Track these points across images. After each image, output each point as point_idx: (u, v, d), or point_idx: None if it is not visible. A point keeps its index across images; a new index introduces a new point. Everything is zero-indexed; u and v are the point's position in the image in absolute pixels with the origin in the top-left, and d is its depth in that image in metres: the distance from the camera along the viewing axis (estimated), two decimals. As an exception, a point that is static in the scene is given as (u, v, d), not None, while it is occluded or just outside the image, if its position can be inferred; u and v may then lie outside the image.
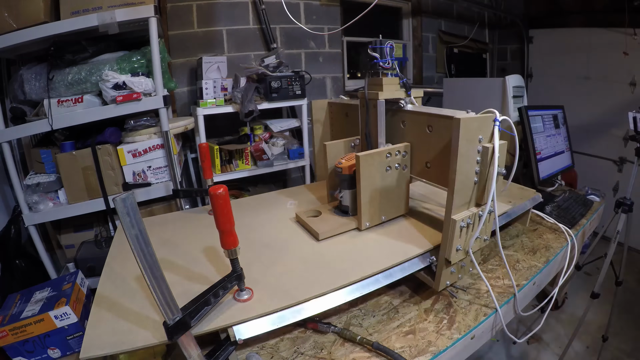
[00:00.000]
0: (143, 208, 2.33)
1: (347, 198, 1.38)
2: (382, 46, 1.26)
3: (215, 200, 0.86)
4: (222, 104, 2.76)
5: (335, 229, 1.33)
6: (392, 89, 1.32)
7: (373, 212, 1.34)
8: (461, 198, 1.08)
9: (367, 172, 1.25)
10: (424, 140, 1.26)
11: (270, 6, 3.25)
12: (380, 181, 1.29)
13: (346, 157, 1.37)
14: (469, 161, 1.04)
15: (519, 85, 2.99)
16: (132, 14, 2.01)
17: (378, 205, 1.34)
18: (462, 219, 1.07)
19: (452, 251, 1.11)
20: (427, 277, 1.25)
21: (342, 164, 1.34)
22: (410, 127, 1.31)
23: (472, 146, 1.04)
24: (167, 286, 0.77)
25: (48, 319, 1.62)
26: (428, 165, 1.27)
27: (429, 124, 1.22)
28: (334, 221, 1.38)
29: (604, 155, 4.04)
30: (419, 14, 4.39)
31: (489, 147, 1.05)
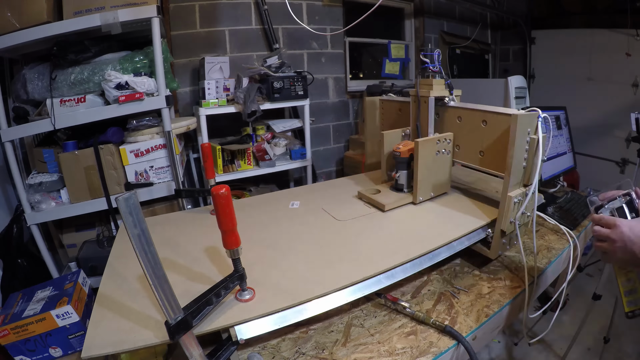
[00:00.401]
0: (145, 208, 2.33)
1: (403, 177, 1.61)
2: (432, 53, 1.52)
3: (217, 200, 0.86)
4: (225, 104, 2.76)
5: (396, 201, 1.55)
6: (439, 88, 1.55)
7: (425, 189, 1.57)
8: (515, 179, 1.31)
9: (423, 155, 1.47)
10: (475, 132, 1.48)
11: (273, 6, 3.25)
12: (431, 163, 1.53)
13: (403, 143, 1.60)
14: (521, 149, 1.28)
15: (521, 86, 2.99)
16: (134, 14, 2.01)
17: (429, 183, 1.57)
18: (515, 195, 1.30)
19: (507, 223, 1.33)
20: (483, 248, 1.47)
21: (401, 149, 1.57)
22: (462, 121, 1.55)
23: (523, 137, 1.27)
24: (169, 286, 0.77)
25: (50, 318, 1.63)
26: (482, 154, 1.48)
27: (484, 119, 1.43)
28: (394, 196, 1.60)
29: (606, 156, 4.04)
30: (421, 14, 4.38)
31: (535, 138, 1.28)
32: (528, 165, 1.33)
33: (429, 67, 1.53)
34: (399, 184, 1.64)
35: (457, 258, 1.56)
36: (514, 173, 1.29)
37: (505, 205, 1.31)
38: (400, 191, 1.64)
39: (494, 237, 1.41)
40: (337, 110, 3.92)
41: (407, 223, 1.44)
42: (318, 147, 3.82)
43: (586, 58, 4.18)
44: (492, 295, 1.32)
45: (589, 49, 4.14)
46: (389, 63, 4.20)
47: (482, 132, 1.45)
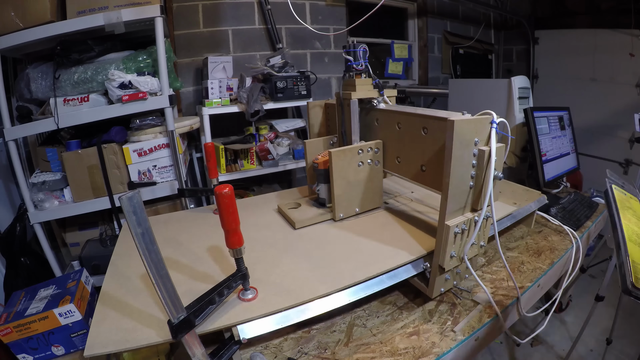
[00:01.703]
0: (148, 207, 2.34)
1: (323, 191, 1.49)
2: (355, 50, 1.37)
3: (220, 200, 0.86)
4: (228, 104, 2.76)
5: (311, 218, 1.44)
6: (365, 89, 1.41)
7: (347, 204, 1.43)
8: (456, 203, 1.05)
9: (339, 167, 1.34)
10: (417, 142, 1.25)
11: (276, 6, 3.25)
12: (352, 175, 1.39)
13: (322, 154, 1.46)
14: (463, 165, 1.01)
15: (524, 86, 2.97)
16: (138, 13, 2.01)
17: (351, 198, 1.43)
18: (456, 224, 1.04)
19: (445, 258, 1.09)
20: (420, 284, 1.25)
21: (318, 160, 1.44)
22: (384, 125, 1.41)
23: (467, 149, 1.00)
24: (171, 285, 0.77)
25: (52, 316, 1.63)
26: (423, 169, 1.25)
27: (424, 126, 1.20)
28: (311, 212, 1.49)
29: (610, 157, 4.02)
30: (424, 14, 4.38)
31: (486, 150, 1.01)
32: (476, 185, 1.07)
33: (352, 66, 1.38)
34: (320, 199, 1.53)
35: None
36: (454, 195, 1.03)
37: (443, 236, 1.06)
38: (323, 206, 1.52)
39: (431, 274, 1.19)
40: (340, 110, 3.91)
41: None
42: (321, 147, 3.82)
43: (590, 58, 4.16)
44: (495, 296, 1.31)
45: (592, 49, 4.13)
46: (392, 63, 4.20)
47: (423, 142, 1.22)
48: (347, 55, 1.39)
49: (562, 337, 2.62)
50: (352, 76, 1.42)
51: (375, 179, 1.46)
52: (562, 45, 4.47)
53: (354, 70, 1.39)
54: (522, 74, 3.26)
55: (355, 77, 1.42)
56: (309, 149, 1.61)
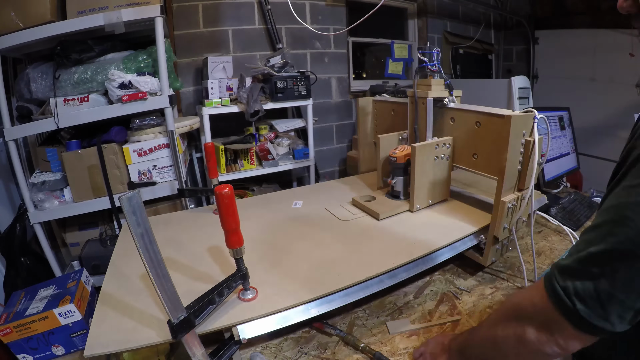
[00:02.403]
0: (148, 207, 2.34)
1: (400, 184, 1.55)
2: (431, 52, 1.44)
3: (220, 200, 0.86)
4: (228, 104, 2.76)
5: (391, 209, 1.49)
6: (438, 89, 1.49)
7: (422, 196, 1.51)
8: (509, 183, 1.25)
9: (421, 161, 1.42)
10: (469, 134, 1.43)
11: (276, 6, 3.25)
12: (429, 169, 1.47)
13: (399, 148, 1.54)
14: (515, 152, 1.22)
15: (524, 86, 2.98)
16: (138, 13, 2.01)
17: (427, 190, 1.51)
18: (509, 200, 1.24)
19: (500, 229, 1.28)
20: (475, 254, 1.42)
21: (397, 154, 1.50)
22: (455, 122, 1.50)
23: (518, 139, 1.21)
24: (171, 285, 0.77)
25: (52, 316, 1.63)
26: (475, 157, 1.43)
27: (477, 120, 1.37)
28: (389, 204, 1.55)
29: (610, 157, 4.02)
30: (424, 14, 4.37)
31: (531, 140, 1.21)
32: (523, 169, 1.27)
33: (427, 66, 1.46)
34: (395, 191, 1.58)
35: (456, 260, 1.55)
36: (508, 177, 1.23)
37: (499, 211, 1.26)
38: (397, 198, 1.58)
39: (486, 244, 1.36)
40: (340, 110, 3.91)
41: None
42: (321, 147, 3.82)
43: (590, 58, 4.16)
44: (495, 296, 1.32)
45: (592, 49, 4.12)
46: (392, 63, 4.20)
47: (476, 134, 1.40)
48: (422, 57, 1.45)
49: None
50: (427, 76, 1.49)
51: (446, 172, 1.54)
52: (562, 45, 4.47)
53: (428, 70, 1.47)
54: (522, 74, 3.27)
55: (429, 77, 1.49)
56: (383, 143, 1.67)
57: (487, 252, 1.37)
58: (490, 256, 1.38)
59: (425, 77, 1.50)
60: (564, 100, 2.83)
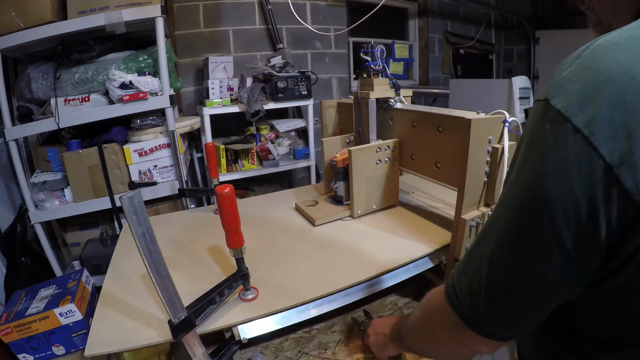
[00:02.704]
0: (149, 207, 2.34)
1: (342, 189, 1.50)
2: (373, 50, 1.40)
3: (221, 200, 0.86)
4: (228, 104, 2.76)
5: (329, 215, 1.45)
6: (382, 89, 1.45)
7: (364, 201, 1.44)
8: (471, 198, 1.10)
9: (359, 165, 1.36)
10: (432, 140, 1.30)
11: (277, 6, 3.25)
12: (371, 173, 1.41)
13: (340, 152, 1.49)
14: (479, 161, 1.06)
15: (525, 86, 2.98)
16: (139, 13, 2.02)
17: (369, 195, 1.45)
18: (472, 218, 1.08)
19: (462, 250, 1.12)
20: (434, 277, 1.33)
21: (337, 158, 1.46)
22: (399, 124, 1.45)
23: (482, 147, 1.05)
24: (172, 285, 0.77)
25: (53, 316, 1.63)
26: (438, 166, 1.30)
27: (439, 125, 1.25)
28: (329, 209, 1.51)
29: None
30: (425, 14, 4.38)
31: (499, 148, 1.06)
32: (490, 181, 1.11)
33: (370, 65, 1.41)
34: (337, 196, 1.54)
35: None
36: (470, 190, 1.08)
37: (459, 230, 1.11)
38: (340, 203, 1.53)
39: (447, 267, 1.21)
40: (341, 111, 3.91)
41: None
42: (321, 147, 3.82)
43: (590, 59, 4.16)
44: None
45: (593, 49, 4.12)
46: (393, 63, 4.20)
47: (438, 140, 1.27)
48: (364, 56, 1.41)
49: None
50: (370, 76, 1.45)
51: (392, 176, 1.48)
52: (562, 45, 4.45)
53: (371, 70, 1.42)
54: (523, 74, 3.27)
55: (372, 77, 1.45)
56: (326, 147, 1.63)
57: (447, 275, 1.21)
58: None
59: (369, 77, 1.46)
60: (565, 101, 2.81)
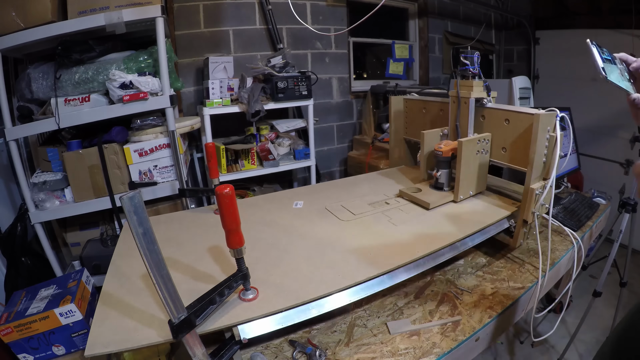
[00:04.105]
0: (149, 207, 2.34)
1: (444, 176, 1.67)
2: (472, 56, 1.55)
3: (221, 200, 0.86)
4: (229, 104, 2.76)
5: (439, 199, 1.59)
6: (478, 90, 1.60)
7: (465, 187, 1.61)
8: (536, 173, 1.41)
9: (466, 154, 1.53)
10: (500, 130, 1.57)
11: (277, 6, 3.25)
12: (472, 162, 1.58)
13: (444, 143, 1.65)
14: (542, 146, 1.38)
15: (525, 86, 2.98)
16: (139, 13, 2.02)
17: (469, 182, 1.61)
18: (537, 187, 1.39)
19: (529, 213, 1.42)
20: (506, 237, 1.58)
21: (442, 148, 1.62)
22: (487, 120, 1.64)
23: (543, 135, 1.37)
24: (172, 285, 0.77)
25: (53, 316, 1.63)
26: (504, 150, 1.58)
27: (507, 118, 1.53)
28: (435, 195, 1.65)
29: (611, 157, 4.01)
30: (425, 14, 4.37)
31: (554, 136, 1.39)
32: (547, 161, 1.43)
33: (469, 69, 1.57)
34: (439, 183, 1.69)
35: (460, 259, 1.56)
36: (536, 167, 1.39)
37: (528, 196, 1.40)
38: (441, 190, 1.69)
39: (516, 227, 1.51)
40: (341, 111, 3.91)
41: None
42: (322, 147, 3.82)
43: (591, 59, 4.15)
44: (496, 296, 1.31)
45: (593, 49, 4.12)
46: (393, 63, 4.20)
47: (505, 130, 1.54)
48: (464, 60, 1.56)
49: (563, 337, 2.61)
50: (469, 78, 1.60)
51: (484, 165, 1.65)
52: (563, 46, 4.46)
53: (470, 73, 1.58)
54: (523, 74, 3.27)
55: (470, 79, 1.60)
56: (427, 138, 1.78)
57: (517, 234, 1.52)
58: (520, 238, 1.52)
59: (466, 79, 1.60)
60: (565, 101, 2.83)
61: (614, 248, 2.13)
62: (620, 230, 2.08)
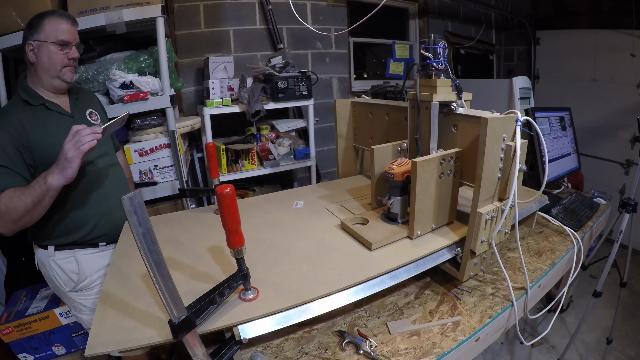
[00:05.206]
0: (149, 207, 2.34)
1: (397, 205, 1.34)
2: (436, 46, 1.24)
3: (222, 200, 0.86)
4: (229, 104, 2.76)
5: (387, 237, 1.27)
6: (444, 91, 1.29)
7: (425, 220, 1.29)
8: (486, 193, 1.15)
9: (423, 179, 1.21)
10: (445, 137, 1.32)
11: (277, 6, 3.25)
12: (433, 188, 1.26)
13: (397, 162, 1.31)
14: (494, 158, 1.12)
15: (525, 86, 2.98)
16: (139, 13, 2.02)
17: (430, 213, 1.30)
18: (487, 212, 1.14)
19: (477, 243, 1.18)
20: (451, 268, 1.32)
21: (394, 170, 1.28)
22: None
23: (496, 144, 1.11)
24: (172, 284, 0.77)
25: (53, 316, 1.64)
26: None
27: (454, 123, 1.27)
28: (385, 229, 1.32)
29: (611, 157, 4.02)
30: (425, 14, 4.37)
31: (512, 145, 1.13)
32: (503, 177, 1.17)
33: (431, 64, 1.25)
34: (391, 213, 1.36)
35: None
36: (485, 186, 1.13)
37: (475, 223, 1.16)
38: (394, 221, 1.36)
39: (462, 258, 1.26)
40: (341, 111, 3.91)
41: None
42: (322, 147, 3.82)
43: (591, 59, 4.16)
44: (496, 296, 1.31)
45: (593, 49, 4.12)
46: (393, 63, 4.20)
47: (453, 138, 1.30)
48: (425, 52, 1.25)
49: (563, 337, 2.62)
50: (431, 76, 1.28)
51: (452, 191, 1.33)
52: (563, 46, 4.46)
53: (433, 69, 1.26)
54: (523, 75, 3.26)
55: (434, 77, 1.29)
56: (377, 156, 1.45)
57: (463, 267, 1.27)
58: (468, 271, 1.28)
59: (430, 77, 1.29)
60: (565, 101, 2.83)
61: (614, 248, 2.13)
62: (620, 230, 2.08)
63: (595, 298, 2.20)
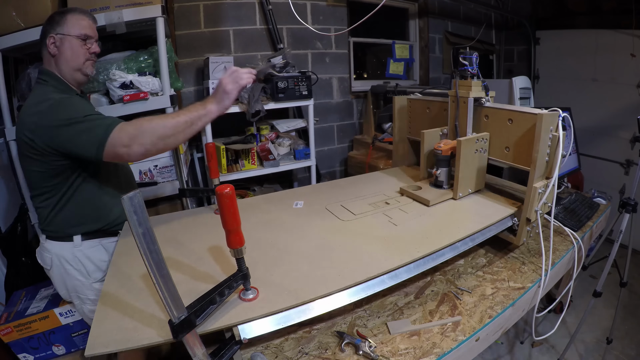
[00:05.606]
0: (149, 207, 2.34)
1: (444, 174, 1.71)
2: (471, 56, 1.59)
3: (222, 200, 0.86)
4: (229, 104, 2.76)
5: (438, 197, 1.63)
6: (477, 89, 1.64)
7: (464, 185, 1.65)
8: (539, 172, 1.44)
9: (465, 153, 1.56)
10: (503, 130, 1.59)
11: (277, 6, 3.24)
12: (471, 160, 1.62)
13: (443, 142, 1.70)
14: (545, 145, 1.41)
15: (525, 86, 2.98)
16: (139, 13, 2.02)
17: (468, 180, 1.65)
18: (540, 186, 1.42)
19: (532, 211, 1.45)
20: (509, 235, 1.58)
21: (442, 147, 1.67)
22: (490, 120, 1.66)
23: (546, 134, 1.40)
24: (173, 284, 0.77)
25: (53, 316, 1.64)
26: (507, 150, 1.59)
27: (510, 117, 1.55)
28: (435, 192, 1.69)
29: (611, 157, 4.02)
30: (425, 14, 4.37)
31: (557, 136, 1.41)
32: (550, 160, 1.45)
33: (467, 69, 1.60)
34: (439, 181, 1.73)
35: (461, 259, 1.56)
36: (539, 167, 1.42)
37: (531, 195, 1.42)
38: (440, 187, 1.74)
39: (519, 225, 1.52)
40: (341, 111, 3.91)
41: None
42: (322, 147, 3.82)
43: (591, 59, 4.15)
44: (496, 296, 1.32)
45: (593, 49, 4.12)
46: (393, 63, 4.20)
47: (508, 130, 1.56)
48: (463, 60, 1.60)
49: (563, 337, 2.62)
50: (467, 78, 1.64)
51: (483, 164, 1.69)
52: (563, 46, 4.46)
53: (469, 73, 1.62)
54: (523, 74, 3.26)
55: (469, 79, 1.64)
56: (427, 138, 1.83)
57: (520, 232, 1.53)
58: (522, 236, 1.53)
59: (465, 79, 1.64)
60: (565, 101, 2.83)
61: (614, 248, 2.13)
62: (620, 230, 2.08)
63: (595, 298, 2.20)
